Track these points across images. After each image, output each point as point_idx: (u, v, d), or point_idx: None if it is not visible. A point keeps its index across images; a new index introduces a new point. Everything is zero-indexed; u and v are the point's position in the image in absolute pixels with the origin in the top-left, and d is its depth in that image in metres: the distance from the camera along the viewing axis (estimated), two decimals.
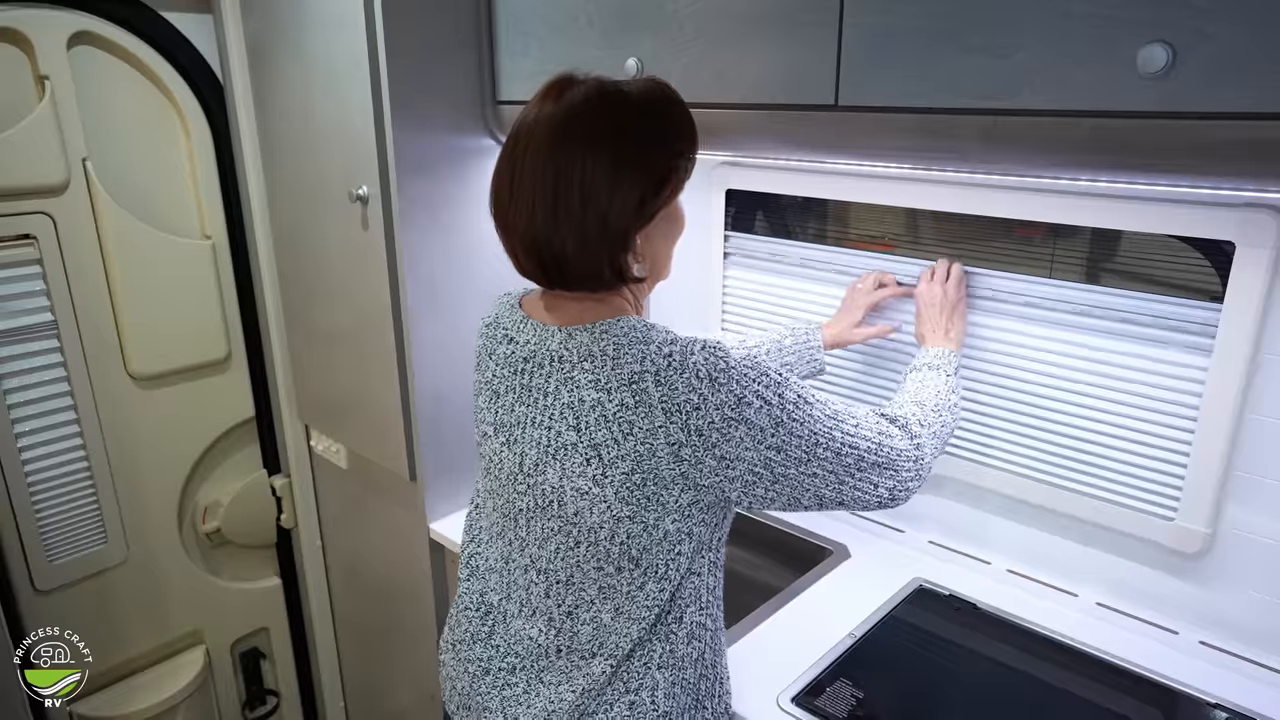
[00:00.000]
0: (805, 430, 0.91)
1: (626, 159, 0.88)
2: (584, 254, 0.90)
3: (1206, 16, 0.77)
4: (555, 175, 0.88)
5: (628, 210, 0.89)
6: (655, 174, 0.90)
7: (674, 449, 0.88)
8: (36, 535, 1.77)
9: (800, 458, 0.92)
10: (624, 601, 0.95)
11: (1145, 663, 1.22)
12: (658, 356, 0.88)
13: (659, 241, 0.96)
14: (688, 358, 0.88)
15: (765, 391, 0.89)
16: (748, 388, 0.88)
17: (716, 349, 0.89)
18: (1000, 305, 1.34)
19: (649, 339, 0.90)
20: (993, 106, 0.93)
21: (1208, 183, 0.91)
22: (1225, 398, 1.14)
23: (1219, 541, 1.21)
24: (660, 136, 0.91)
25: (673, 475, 0.89)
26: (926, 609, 1.37)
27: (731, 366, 0.88)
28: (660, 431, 0.87)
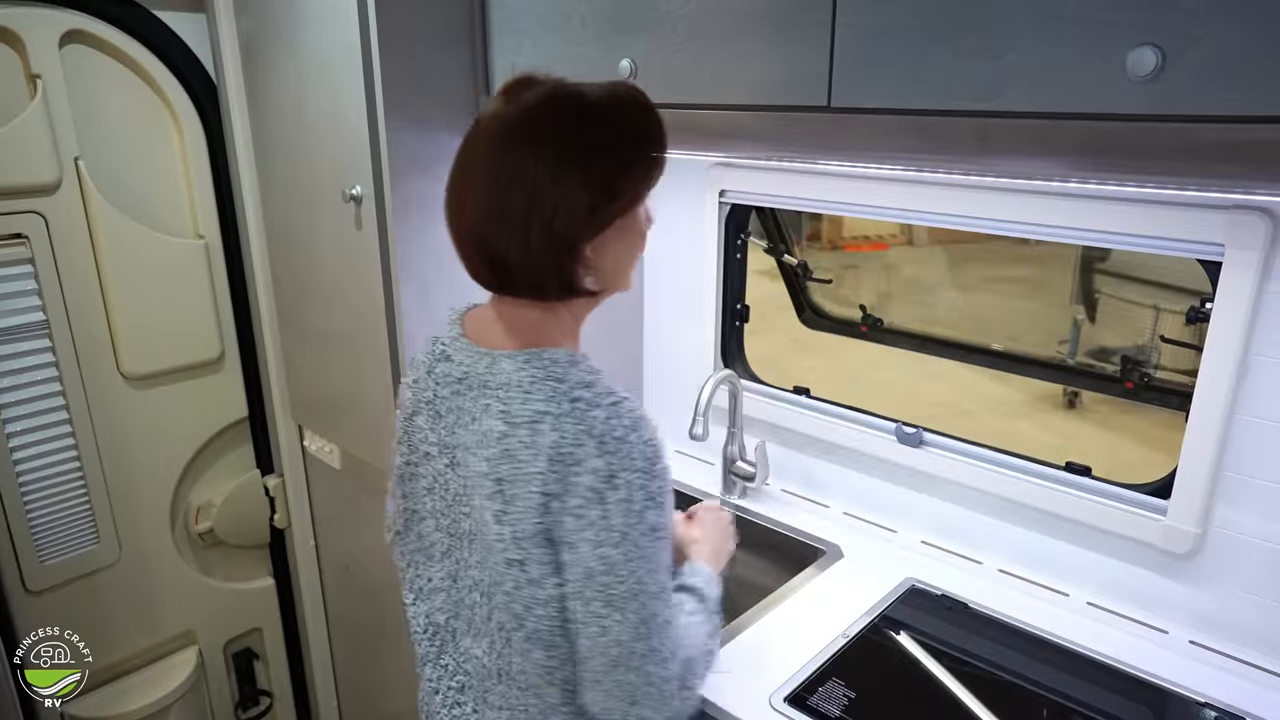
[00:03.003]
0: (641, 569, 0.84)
1: (576, 163, 0.84)
2: (527, 260, 0.87)
3: (1196, 19, 0.77)
4: (503, 177, 0.85)
5: (575, 217, 0.85)
6: (607, 181, 0.86)
7: (546, 499, 0.84)
8: (28, 535, 1.76)
9: (616, 596, 0.84)
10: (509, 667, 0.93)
11: (1136, 662, 1.23)
12: (565, 400, 0.85)
13: (614, 253, 0.91)
14: (590, 410, 0.84)
15: (637, 490, 0.83)
16: (626, 470, 0.83)
17: (625, 414, 0.85)
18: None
19: (565, 378, 0.87)
20: (985, 108, 0.93)
21: (1196, 184, 0.91)
22: (1215, 398, 1.15)
23: (1209, 541, 1.21)
24: (615, 142, 0.87)
25: (543, 529, 0.85)
26: (919, 609, 1.38)
27: (627, 440, 0.83)
28: (539, 479, 0.84)
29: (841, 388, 1.79)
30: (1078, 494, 1.33)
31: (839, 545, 1.55)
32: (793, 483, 1.75)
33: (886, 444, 1.56)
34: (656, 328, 1.96)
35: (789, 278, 1.88)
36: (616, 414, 0.85)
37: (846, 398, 1.69)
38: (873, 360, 2.41)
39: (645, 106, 0.90)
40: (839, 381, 2.06)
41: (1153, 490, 1.27)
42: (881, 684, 1.21)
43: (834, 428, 1.64)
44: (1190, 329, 1.25)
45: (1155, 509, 1.25)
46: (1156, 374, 1.39)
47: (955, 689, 1.20)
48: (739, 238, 1.77)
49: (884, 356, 1.82)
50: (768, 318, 1.94)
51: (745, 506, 1.70)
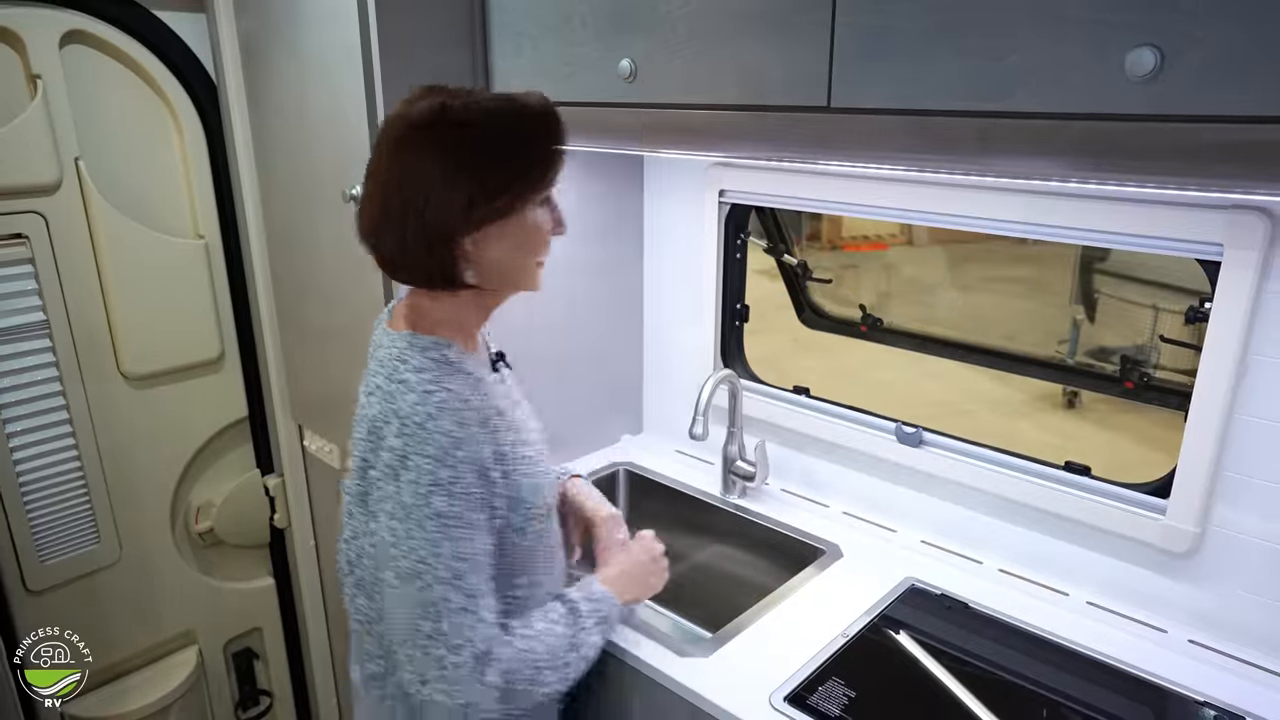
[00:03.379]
0: (423, 549, 0.92)
1: (455, 163, 0.91)
2: (406, 253, 0.95)
3: (1194, 20, 0.78)
4: (389, 174, 0.94)
5: (448, 213, 0.92)
6: (486, 181, 0.92)
7: (364, 467, 0.97)
8: (28, 535, 1.76)
9: (402, 569, 0.93)
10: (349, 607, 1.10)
11: (1135, 661, 1.23)
12: (394, 379, 0.96)
13: (499, 250, 0.97)
14: (406, 393, 0.94)
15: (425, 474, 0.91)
16: (418, 454, 0.91)
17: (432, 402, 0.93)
18: None
19: (408, 360, 0.97)
20: (985, 109, 0.93)
21: (1196, 185, 0.91)
22: (1214, 398, 1.15)
23: (1208, 541, 1.21)
24: (497, 145, 0.92)
25: (360, 492, 0.98)
26: (918, 608, 1.38)
27: (424, 427, 0.91)
28: (361, 445, 0.97)
29: (841, 387, 1.79)
30: (1077, 494, 1.33)
31: (839, 545, 1.55)
32: (793, 482, 1.75)
33: (886, 444, 1.56)
34: (656, 327, 1.96)
35: (789, 278, 1.88)
36: (424, 401, 0.93)
37: (846, 397, 1.70)
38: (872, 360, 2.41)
39: (541, 114, 0.96)
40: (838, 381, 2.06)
41: (1152, 490, 1.27)
42: (881, 683, 1.21)
43: (834, 427, 1.64)
44: (1189, 328, 1.26)
45: (1155, 508, 1.25)
46: (1156, 374, 1.39)
47: (955, 689, 1.20)
48: (739, 237, 1.77)
49: (883, 356, 1.83)
50: (767, 317, 1.95)
51: (745, 506, 1.70)
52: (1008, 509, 1.43)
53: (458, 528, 0.93)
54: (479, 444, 0.95)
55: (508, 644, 0.99)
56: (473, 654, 0.95)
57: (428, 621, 0.94)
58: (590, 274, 1.82)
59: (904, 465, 1.55)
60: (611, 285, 1.88)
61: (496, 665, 0.96)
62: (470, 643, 0.95)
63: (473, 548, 0.95)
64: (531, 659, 1.00)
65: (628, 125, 1.31)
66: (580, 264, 1.79)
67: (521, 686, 0.99)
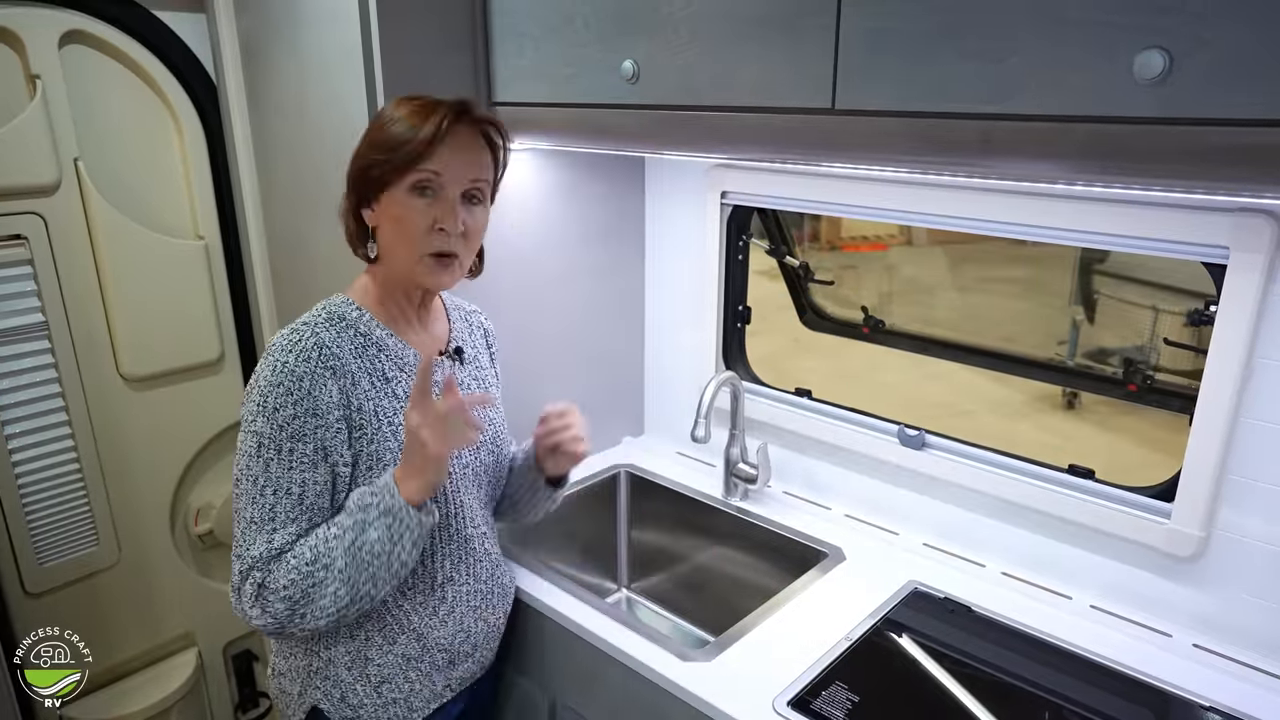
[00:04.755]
0: (241, 459, 1.04)
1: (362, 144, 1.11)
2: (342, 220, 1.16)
3: (1203, 22, 0.77)
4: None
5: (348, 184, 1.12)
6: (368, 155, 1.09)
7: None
8: (27, 537, 1.75)
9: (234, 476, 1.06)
10: None
11: (1139, 665, 1.23)
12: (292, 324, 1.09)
13: (383, 231, 1.11)
14: (280, 333, 1.07)
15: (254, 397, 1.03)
16: (258, 379, 1.04)
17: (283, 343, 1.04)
18: None
19: (313, 309, 1.12)
20: (990, 111, 0.93)
21: (1203, 188, 0.91)
22: (1220, 401, 1.15)
23: (1213, 545, 1.21)
24: (383, 129, 1.09)
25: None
26: (922, 612, 1.37)
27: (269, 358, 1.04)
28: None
29: (842, 388, 1.79)
30: (1081, 497, 1.32)
31: (841, 548, 1.54)
32: (795, 485, 1.74)
33: (888, 446, 1.56)
34: (658, 329, 1.95)
35: (790, 279, 1.87)
36: (286, 337, 1.06)
37: (847, 398, 1.69)
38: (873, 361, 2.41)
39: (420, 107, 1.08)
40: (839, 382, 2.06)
41: (1156, 493, 1.27)
42: (885, 688, 1.21)
43: (836, 430, 1.64)
44: (1191, 330, 1.25)
45: (1159, 512, 1.25)
46: (1158, 376, 1.39)
47: (958, 692, 1.20)
48: (740, 239, 1.76)
49: (884, 357, 1.82)
50: (768, 318, 1.94)
51: (747, 509, 1.70)
52: (1010, 512, 1.43)
53: (269, 449, 1.02)
54: (322, 385, 1.03)
55: (277, 557, 1.03)
56: (241, 565, 1.03)
57: (235, 527, 1.05)
58: (591, 275, 1.81)
59: (906, 468, 1.54)
60: (613, 287, 1.88)
61: (255, 575, 1.03)
62: (246, 551, 1.03)
63: (281, 474, 1.02)
64: (297, 564, 1.02)
65: (630, 127, 1.31)
66: (581, 265, 1.78)
67: (294, 593, 1.02)
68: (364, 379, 1.08)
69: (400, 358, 1.13)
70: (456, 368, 1.21)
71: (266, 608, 1.03)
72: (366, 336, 1.10)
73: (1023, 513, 1.41)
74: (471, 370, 1.24)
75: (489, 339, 1.33)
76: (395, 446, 1.09)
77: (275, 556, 1.03)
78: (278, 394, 1.01)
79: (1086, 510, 1.32)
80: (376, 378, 1.09)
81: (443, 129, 1.05)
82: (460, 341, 1.24)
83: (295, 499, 1.03)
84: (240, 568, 1.03)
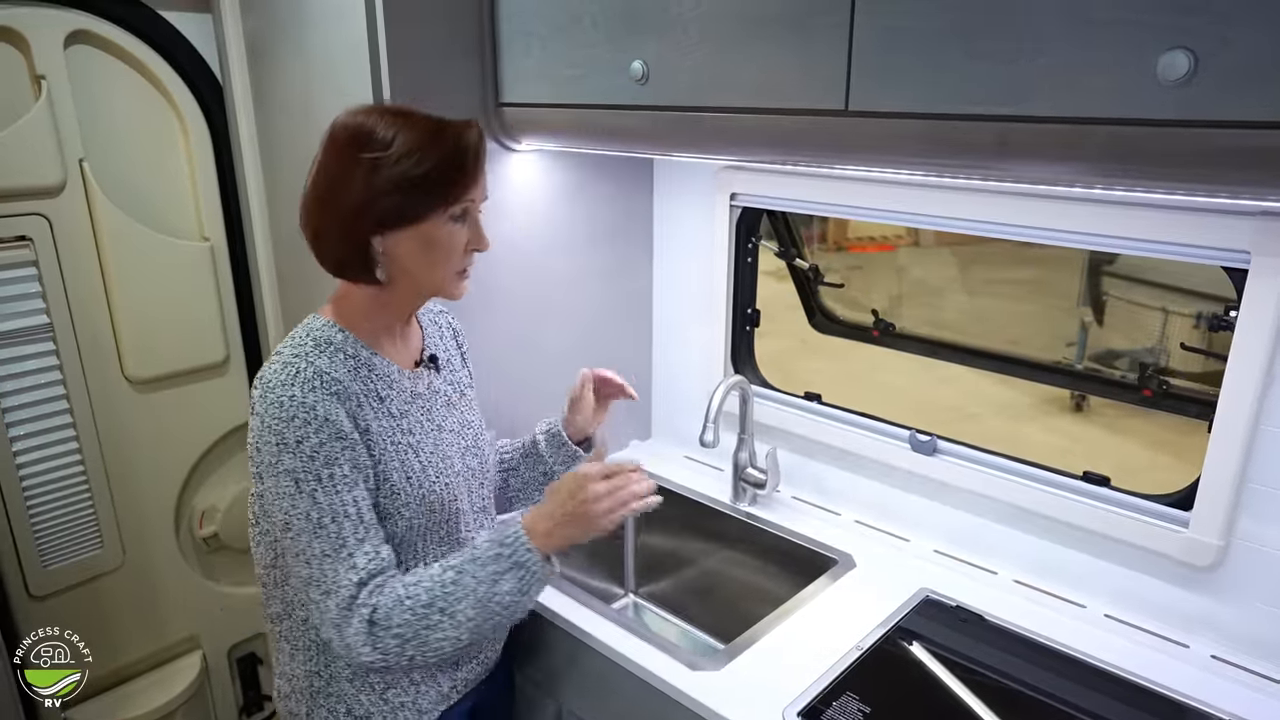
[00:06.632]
0: (284, 502, 1.00)
1: (364, 170, 0.99)
2: (322, 245, 1.05)
3: (1228, 23, 0.75)
4: (319, 177, 1.04)
5: (360, 216, 1.01)
6: (390, 190, 0.99)
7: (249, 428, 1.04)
8: (31, 540, 1.75)
9: (278, 523, 1.02)
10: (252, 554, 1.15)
11: (1155, 676, 1.20)
12: (279, 349, 1.05)
13: (408, 256, 1.05)
14: (272, 363, 1.03)
15: (272, 435, 0.99)
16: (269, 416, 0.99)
17: (281, 369, 1.00)
18: None
19: (296, 335, 1.07)
20: (1007, 113, 0.91)
21: (1227, 192, 0.89)
22: (1240, 408, 1.13)
23: (1232, 554, 1.19)
24: (405, 165, 0.99)
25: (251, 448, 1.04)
26: (933, 620, 1.36)
27: (274, 390, 0.99)
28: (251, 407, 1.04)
29: (848, 391, 1.77)
30: (1095, 504, 1.30)
31: (851, 554, 1.52)
32: (804, 490, 1.72)
33: (899, 451, 1.54)
34: (666, 332, 1.94)
35: (800, 282, 1.85)
36: (283, 369, 1.01)
37: (854, 401, 1.67)
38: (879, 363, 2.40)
39: (447, 142, 1.02)
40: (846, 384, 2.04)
41: (1173, 501, 1.25)
42: (896, 698, 1.19)
43: (846, 434, 1.62)
44: (1202, 333, 1.23)
45: (1176, 520, 1.23)
46: (1174, 381, 1.37)
47: (971, 703, 1.18)
48: (749, 241, 1.75)
49: (890, 359, 1.80)
50: (776, 319, 1.92)
51: (756, 514, 1.68)
52: (1023, 518, 1.41)
53: (309, 481, 0.99)
54: (333, 410, 1.01)
55: (385, 590, 1.02)
56: (339, 600, 1.00)
57: (304, 568, 1.01)
58: (599, 277, 1.80)
59: (917, 473, 1.52)
60: (620, 289, 1.86)
61: (364, 611, 1.00)
62: (338, 589, 1.00)
63: (332, 499, 1.00)
64: (413, 605, 1.02)
65: (638, 128, 1.29)
66: (589, 267, 1.77)
67: (407, 630, 1.01)
68: (364, 401, 1.06)
69: (387, 375, 1.11)
70: (433, 375, 1.19)
71: (378, 644, 1.01)
72: (355, 359, 1.07)
73: (1035, 519, 1.39)
74: (446, 375, 1.22)
75: (459, 339, 1.31)
76: (399, 466, 1.07)
77: (373, 582, 1.01)
78: (295, 427, 0.98)
79: (1101, 517, 1.30)
80: (373, 398, 1.07)
81: (483, 159, 1.05)
82: (433, 348, 1.22)
83: (355, 519, 1.01)
84: (337, 603, 1.00)
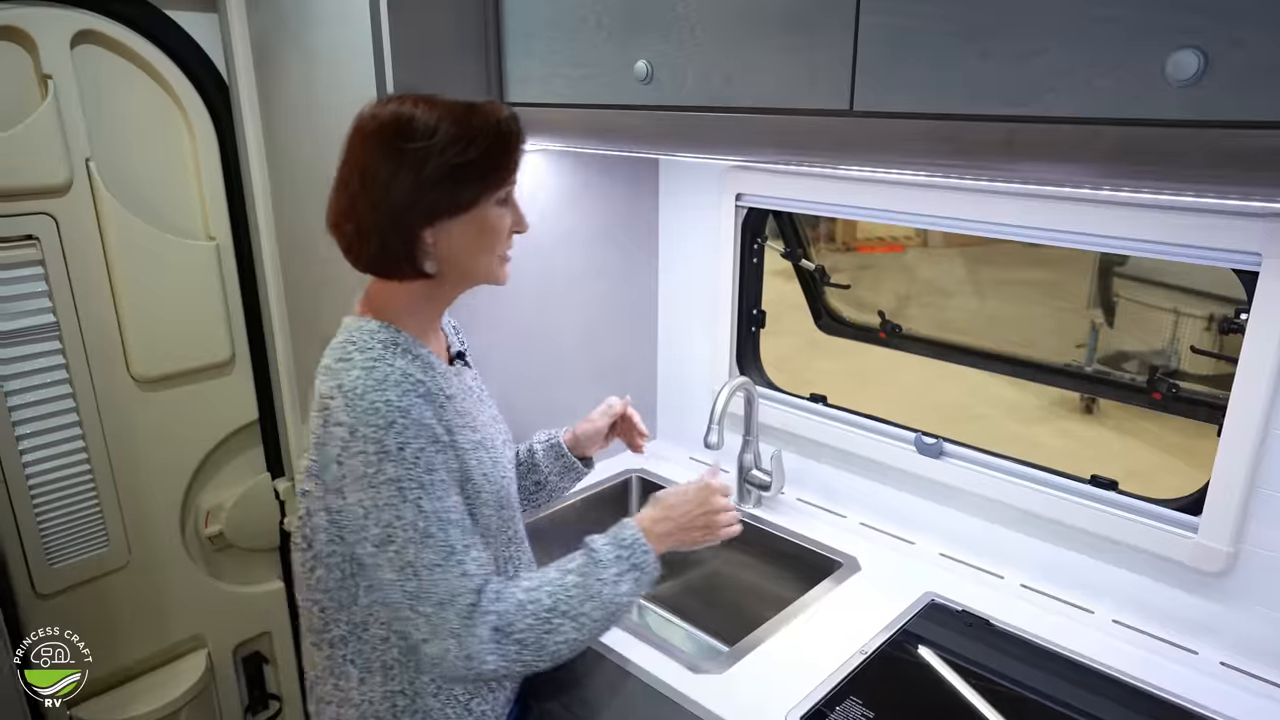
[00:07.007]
0: (387, 514, 0.96)
1: (413, 169, 0.96)
2: (363, 241, 1.00)
3: (1238, 21, 0.74)
4: (352, 170, 0.99)
5: (410, 208, 0.98)
6: (432, 177, 0.97)
7: (317, 443, 0.99)
8: (37, 538, 1.75)
9: (375, 537, 0.97)
10: (302, 581, 1.09)
11: (1164, 684, 1.19)
12: (340, 358, 0.99)
13: (460, 244, 1.02)
14: (350, 369, 0.97)
15: (372, 443, 0.94)
16: (364, 425, 0.94)
17: (374, 375, 0.96)
18: None
19: (355, 340, 1.01)
20: (1014, 113, 0.90)
21: (1237, 194, 0.88)
22: (1250, 412, 1.11)
23: (1242, 560, 1.18)
24: (451, 153, 0.97)
25: (316, 467, 1.00)
26: (939, 624, 1.34)
27: (365, 398, 0.95)
28: (314, 421, 0.99)
29: (856, 391, 1.76)
30: (1103, 508, 1.29)
31: (856, 557, 1.51)
32: (809, 492, 1.71)
33: (905, 453, 1.53)
34: (670, 332, 1.93)
35: (806, 283, 1.84)
36: (368, 375, 0.96)
37: (861, 401, 1.66)
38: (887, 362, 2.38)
39: (496, 122, 1.01)
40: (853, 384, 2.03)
41: (1183, 506, 1.24)
42: (901, 704, 1.18)
43: (851, 436, 1.61)
44: (1214, 335, 1.22)
45: (1185, 526, 1.22)
46: (1184, 385, 1.35)
47: (977, 709, 1.17)
48: (755, 242, 1.74)
49: (899, 358, 1.79)
50: (782, 318, 1.92)
51: (760, 516, 1.67)
52: (1030, 522, 1.39)
53: (413, 489, 0.96)
54: (424, 411, 0.98)
55: (504, 596, 1.00)
56: (458, 609, 0.97)
57: (411, 582, 0.97)
58: (604, 278, 1.79)
59: (923, 476, 1.51)
60: (625, 289, 1.86)
61: (489, 618, 0.98)
62: (455, 598, 0.97)
63: (436, 506, 0.97)
64: (534, 609, 1.00)
65: (643, 128, 1.28)
66: (594, 268, 1.76)
67: (529, 636, 0.99)
68: (443, 401, 1.02)
69: (445, 373, 1.08)
70: (464, 370, 1.18)
71: (504, 652, 0.98)
72: (419, 358, 1.03)
73: (1043, 523, 1.37)
74: (470, 370, 1.22)
75: (460, 335, 1.31)
76: (476, 464, 1.06)
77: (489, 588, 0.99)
78: (395, 433, 0.94)
79: (1109, 522, 1.28)
80: (443, 397, 1.03)
81: (523, 138, 1.04)
82: (454, 345, 1.22)
83: (459, 524, 0.99)
84: (456, 613, 0.97)
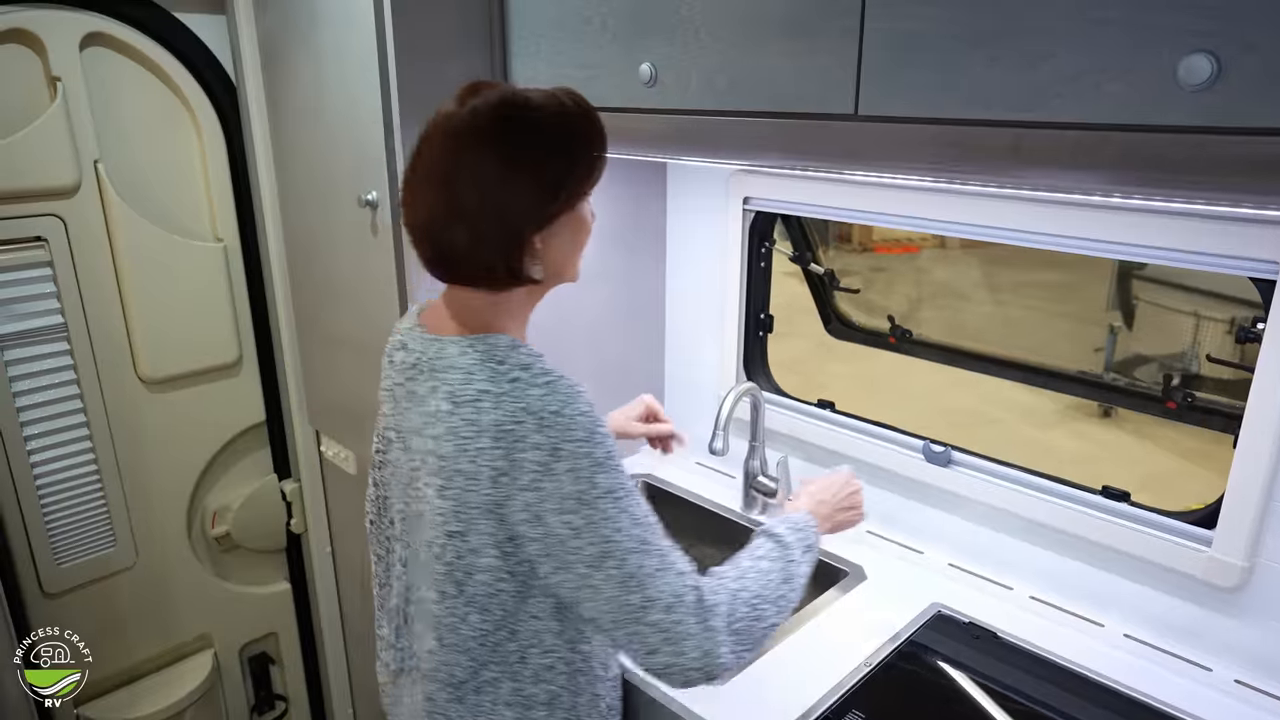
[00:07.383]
0: (605, 528, 0.90)
1: (524, 162, 0.91)
2: (478, 251, 0.93)
3: (1252, 25, 0.72)
4: (455, 175, 0.91)
5: (525, 212, 0.92)
6: (554, 179, 0.92)
7: (495, 474, 0.90)
8: (44, 538, 1.76)
9: (591, 556, 0.91)
10: (446, 632, 0.99)
11: (1176, 701, 1.17)
12: (504, 380, 0.92)
13: (561, 245, 0.98)
14: (528, 389, 0.91)
15: (581, 458, 0.89)
16: (567, 441, 0.89)
17: (559, 390, 0.91)
18: None
19: (505, 360, 0.94)
20: (1021, 119, 0.88)
21: (1252, 201, 0.85)
22: (1267, 424, 1.08)
23: (1257, 575, 1.15)
24: (559, 144, 0.93)
25: (490, 502, 0.91)
26: (945, 636, 1.32)
27: (562, 414, 0.89)
28: (486, 454, 0.90)
29: (867, 394, 1.74)
30: (1115, 520, 1.26)
31: (862, 566, 1.49)
32: None
33: (913, 462, 1.51)
34: (678, 337, 1.91)
35: (815, 287, 1.82)
36: (552, 391, 0.91)
37: (872, 405, 1.64)
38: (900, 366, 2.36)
39: (585, 110, 0.96)
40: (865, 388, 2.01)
41: (1196, 519, 1.21)
42: (906, 717, 1.16)
43: (858, 443, 1.59)
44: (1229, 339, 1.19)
45: (1199, 539, 1.19)
46: (1199, 394, 1.32)
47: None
48: (763, 246, 1.72)
49: (912, 362, 1.77)
50: (793, 321, 1.90)
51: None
52: (1039, 533, 1.37)
53: (625, 497, 0.92)
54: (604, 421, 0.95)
55: (719, 589, 0.97)
56: (688, 608, 0.93)
57: (634, 594, 0.91)
58: (610, 282, 1.78)
59: (931, 485, 1.49)
60: (632, 294, 1.84)
61: (716, 612, 0.94)
62: (681, 598, 0.93)
63: (643, 510, 0.94)
64: (746, 597, 0.98)
65: (648, 131, 1.27)
66: (600, 272, 1.75)
67: (744, 625, 0.96)
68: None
69: None
70: None
71: (731, 644, 0.95)
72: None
73: (1052, 535, 1.35)
74: None
75: None
76: None
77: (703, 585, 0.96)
78: (598, 442, 0.91)
79: (1120, 534, 1.26)
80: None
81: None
82: None
83: (658, 525, 0.96)
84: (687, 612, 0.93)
